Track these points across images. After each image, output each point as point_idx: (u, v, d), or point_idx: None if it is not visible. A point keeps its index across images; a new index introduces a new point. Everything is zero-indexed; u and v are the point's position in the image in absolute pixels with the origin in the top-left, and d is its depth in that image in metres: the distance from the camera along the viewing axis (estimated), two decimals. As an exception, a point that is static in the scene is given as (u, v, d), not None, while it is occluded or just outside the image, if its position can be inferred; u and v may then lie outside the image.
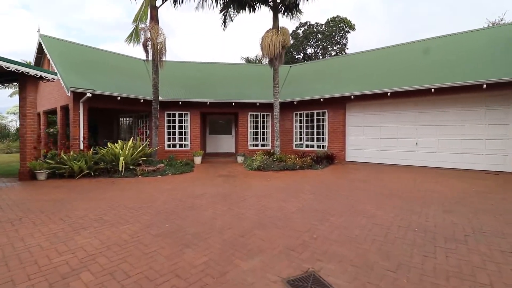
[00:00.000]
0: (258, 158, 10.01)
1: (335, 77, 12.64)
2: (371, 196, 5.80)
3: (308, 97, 11.32)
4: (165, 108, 11.96)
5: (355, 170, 9.19)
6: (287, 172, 9.05)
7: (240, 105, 12.32)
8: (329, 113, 11.36)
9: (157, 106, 9.94)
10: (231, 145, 14.75)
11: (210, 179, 8.07)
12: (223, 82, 13.60)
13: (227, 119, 14.85)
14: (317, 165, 9.68)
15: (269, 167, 9.35)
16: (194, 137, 12.20)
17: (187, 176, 8.62)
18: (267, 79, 14.26)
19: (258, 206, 5.13)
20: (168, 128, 12.16)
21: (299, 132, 12.46)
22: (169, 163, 10.31)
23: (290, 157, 10.22)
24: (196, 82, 13.18)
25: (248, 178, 8.08)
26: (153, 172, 8.72)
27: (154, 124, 9.86)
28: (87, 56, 11.89)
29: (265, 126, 12.89)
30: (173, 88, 12.51)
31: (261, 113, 12.77)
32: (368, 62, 12.64)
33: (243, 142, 12.63)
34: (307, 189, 6.60)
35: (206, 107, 12.19)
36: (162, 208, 5.05)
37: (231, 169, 9.94)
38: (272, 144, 12.83)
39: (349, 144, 11.09)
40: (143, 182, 7.61)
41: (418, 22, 57.71)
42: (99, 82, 10.30)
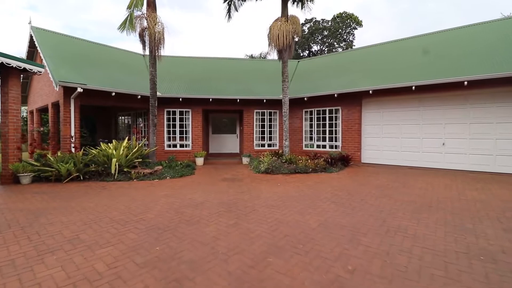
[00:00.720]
0: (266, 160, 9.10)
1: (349, 71, 11.66)
2: (404, 207, 4.85)
3: (320, 92, 10.37)
4: (164, 105, 11.11)
5: (376, 174, 8.22)
6: (298, 175, 8.12)
7: (245, 102, 11.42)
8: (343, 110, 10.40)
9: (155, 102, 9.09)
10: (236, 145, 13.87)
11: (213, 183, 7.19)
12: (227, 78, 12.71)
13: (231, 118, 13.97)
14: (331, 168, 8.73)
15: (278, 170, 8.44)
16: (195, 137, 11.33)
17: (188, 179, 7.75)
18: (274, 74, 13.36)
19: (270, 220, 4.23)
20: (168, 126, 11.32)
21: (309, 131, 11.51)
22: (168, 164, 9.46)
23: (301, 159, 9.29)
24: (198, 78, 12.32)
25: (256, 183, 7.18)
26: (149, 175, 7.87)
27: (152, 122, 9.01)
28: (82, 50, 11.10)
29: (272, 125, 11.98)
30: (173, 84, 11.66)
31: (268, 110, 11.86)
32: (384, 55, 11.63)
33: (249, 142, 11.74)
34: (325, 197, 5.68)
35: (208, 104, 11.32)
36: (155, 222, 4.17)
37: (236, 171, 9.04)
38: (280, 144, 11.91)
39: (366, 144, 10.11)
40: (138, 187, 6.75)
41: (424, 20, 56.19)
42: (93, 77, 9.48)
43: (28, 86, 13.41)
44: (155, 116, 9.06)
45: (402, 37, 12.11)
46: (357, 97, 10.01)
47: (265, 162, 8.80)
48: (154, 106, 8.99)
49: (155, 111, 9.05)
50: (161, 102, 11.01)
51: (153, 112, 9.00)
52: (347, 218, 4.31)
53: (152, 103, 8.97)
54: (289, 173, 8.31)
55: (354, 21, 37.14)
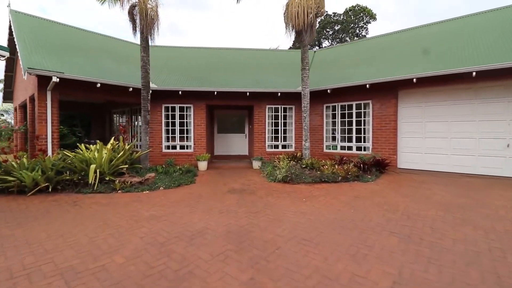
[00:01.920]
0: (283, 165, 7.41)
1: (377, 59, 9.86)
2: None
3: (348, 83, 8.60)
4: (162, 100, 9.55)
5: (425, 184, 6.43)
6: (326, 186, 6.40)
7: (256, 95, 9.76)
8: (375, 104, 8.62)
9: (148, 95, 7.50)
10: (244, 146, 12.21)
11: (218, 197, 5.55)
12: (235, 69, 11.07)
13: (239, 115, 12.32)
14: (366, 176, 6.98)
15: (299, 178, 6.74)
16: (198, 137, 9.73)
17: (186, 190, 6.13)
18: (288, 66, 11.67)
19: (307, 272, 2.55)
20: (167, 125, 9.75)
21: (332, 130, 9.76)
22: (165, 170, 7.87)
23: (325, 163, 7.58)
24: (201, 70, 10.72)
25: (273, 197, 5.50)
26: (139, 185, 6.29)
27: (144, 120, 7.42)
28: (65, 36, 9.62)
29: (287, 123, 10.27)
30: (172, 76, 10.09)
31: (282, 106, 10.16)
32: (421, 40, 9.79)
33: (260, 142, 10.06)
34: (377, 222, 3.96)
35: (213, 99, 9.70)
36: (121, 274, 2.55)
37: (246, 179, 7.38)
38: (296, 145, 10.20)
39: (403, 145, 8.31)
40: (119, 203, 5.16)
41: (436, 16, 53.44)
42: (76, 66, 7.98)
43: (13, 80, 12.06)
44: (147, 111, 7.47)
45: (442, 19, 10.24)
46: (392, 88, 8.22)
47: (282, 168, 7.11)
48: (146, 100, 7.40)
49: (147, 105, 7.46)
50: (158, 96, 9.45)
51: (145, 107, 7.41)
52: (435, 270, 2.59)
53: (144, 96, 7.39)
54: (313, 183, 6.60)
55: (367, 14, 35.10)
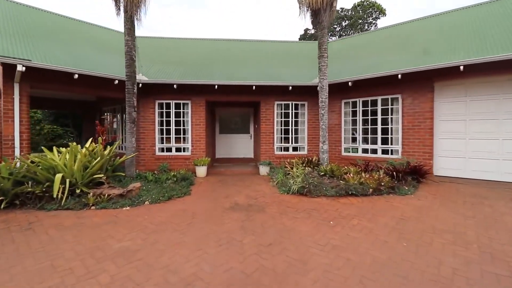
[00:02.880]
0: (297, 172, 6.10)
1: (407, 47, 8.47)
2: None
3: (374, 73, 7.21)
4: (155, 96, 8.30)
5: (484, 199, 5.03)
6: (353, 200, 5.06)
7: (263, 90, 8.46)
8: (405, 99, 7.24)
9: (134, 87, 6.23)
10: (249, 148, 10.92)
11: (216, 217, 4.25)
12: (239, 61, 9.79)
13: (244, 113, 11.03)
14: (402, 187, 5.61)
15: (318, 189, 5.41)
16: (197, 138, 8.46)
17: (177, 206, 4.85)
18: (299, 57, 10.37)
19: None
20: (161, 124, 8.50)
21: (351, 130, 8.40)
22: (156, 177, 6.62)
23: (348, 170, 6.25)
24: (201, 62, 9.46)
25: (289, 217, 4.19)
26: (119, 199, 5.03)
27: (129, 117, 6.16)
28: (44, 23, 8.40)
29: (299, 122, 8.94)
30: (166, 67, 8.84)
31: (293, 102, 8.83)
32: (456, 25, 8.38)
33: (267, 144, 8.75)
34: (454, 268, 2.64)
35: (214, 94, 8.42)
36: None
37: (253, 189, 6.08)
38: (309, 148, 8.86)
39: (440, 148, 6.93)
40: (86, 227, 3.90)
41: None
42: (52, 55, 6.76)
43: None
44: (133, 108, 6.20)
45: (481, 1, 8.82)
46: (427, 79, 6.86)
47: (297, 177, 5.79)
48: (132, 93, 6.14)
49: (133, 100, 6.19)
50: (150, 91, 8.22)
51: (130, 102, 6.14)
52: None
53: (128, 89, 6.12)
54: (338, 196, 5.26)
55: (377, 9, 33.60)
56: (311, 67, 9.44)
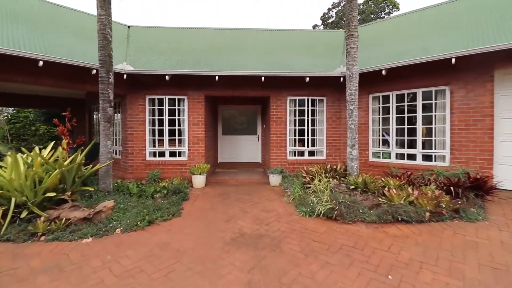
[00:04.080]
0: (319, 185, 4.67)
1: (453, 28, 6.89)
2: None
3: (417, 58, 5.66)
4: (145, 90, 6.98)
5: None
6: (406, 230, 3.59)
7: (274, 82, 7.06)
8: (455, 92, 5.72)
9: (109, 76, 4.83)
10: (257, 151, 9.52)
11: (211, 262, 2.84)
12: (245, 51, 8.40)
13: (251, 111, 9.64)
14: (467, 208, 4.10)
15: (352, 211, 3.96)
16: (194, 139, 7.10)
17: (158, 239, 3.47)
18: (316, 46, 8.93)
19: None
20: (152, 124, 7.17)
21: (380, 130, 6.90)
22: (140, 191, 5.29)
23: (387, 183, 4.80)
24: (200, 52, 8.10)
25: (319, 262, 2.76)
26: (82, 223, 3.70)
27: (103, 115, 4.79)
28: (14, 5, 7.10)
29: (316, 121, 7.48)
30: (159, 57, 7.49)
31: (309, 97, 7.38)
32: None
33: (279, 148, 7.32)
34: None
35: (215, 87, 7.06)
36: None
37: (263, 208, 4.66)
38: (329, 152, 7.39)
39: (502, 154, 5.39)
40: (14, 277, 2.55)
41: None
42: (14, 39, 5.47)
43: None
44: (109, 102, 4.81)
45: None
46: (485, 65, 5.34)
47: (321, 192, 4.36)
48: (107, 84, 4.76)
49: (108, 92, 4.80)
50: (139, 84, 6.90)
51: (104, 94, 4.77)
52: None
53: (102, 78, 4.75)
54: (381, 222, 3.81)
55: (390, 3, 31.83)
56: (330, 56, 7.99)
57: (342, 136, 7.32)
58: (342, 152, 7.32)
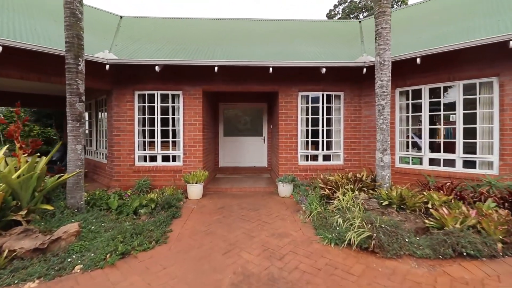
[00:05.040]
0: (345, 201, 3.66)
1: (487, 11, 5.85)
2: None
3: (471, 41, 4.57)
4: (134, 85, 6.03)
5: None
6: (474, 269, 2.57)
7: (283, 75, 6.08)
8: (505, 84, 4.67)
9: (78, 63, 3.79)
10: (262, 154, 8.53)
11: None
12: (250, 40, 7.42)
13: (256, 109, 8.66)
14: (551, 237, 3.08)
15: (395, 240, 2.94)
16: (190, 142, 6.12)
17: (131, 280, 2.48)
18: (332, 35, 7.95)
19: None
20: (142, 123, 6.22)
21: (409, 131, 5.86)
22: (122, 205, 4.33)
23: (429, 198, 3.77)
24: (199, 41, 7.14)
25: None
26: (33, 256, 2.73)
27: (71, 112, 3.79)
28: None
29: (332, 120, 6.45)
30: (149, 46, 6.54)
31: (324, 93, 6.36)
32: None
33: (288, 151, 6.31)
34: None
35: (214, 81, 6.09)
36: None
37: (273, 231, 3.65)
38: (347, 157, 6.37)
39: None
40: None
41: None
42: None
43: None
44: (78, 96, 3.79)
45: None
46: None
47: (348, 211, 3.35)
48: (75, 73, 3.75)
49: (77, 83, 3.78)
50: (126, 77, 5.96)
51: (72, 86, 3.75)
52: None
53: (69, 65, 3.74)
54: (437, 257, 2.78)
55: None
56: (347, 46, 6.98)
57: (362, 138, 6.30)
58: (362, 156, 6.30)
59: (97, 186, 6.25)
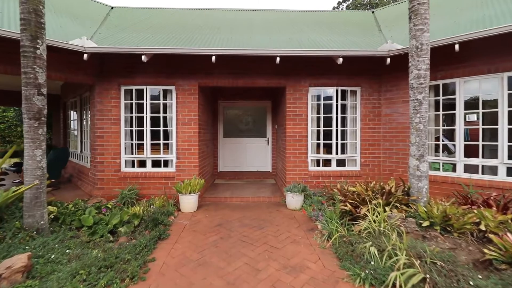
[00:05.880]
0: (378, 223, 2.84)
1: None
2: None
3: None
4: (120, 78, 5.24)
5: None
6: None
7: (290, 67, 5.29)
8: None
9: (36, 46, 2.95)
10: (266, 157, 7.72)
11: None
12: (253, 28, 6.62)
13: (259, 108, 7.86)
14: None
15: (456, 284, 2.13)
16: (185, 144, 5.32)
17: None
18: (344, 24, 7.19)
19: None
20: (130, 123, 5.44)
21: (433, 131, 5.03)
22: (98, 221, 3.54)
23: (478, 215, 2.95)
24: (195, 30, 6.35)
25: None
26: None
27: (27, 108, 2.97)
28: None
29: (347, 120, 5.62)
30: (137, 34, 5.76)
31: (338, 88, 5.53)
32: None
33: (297, 155, 5.49)
34: None
35: (212, 74, 5.30)
36: None
37: (284, 262, 2.83)
38: (364, 161, 5.53)
39: None
40: None
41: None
42: None
43: None
44: (36, 88, 2.93)
45: None
46: None
47: (384, 236, 2.54)
48: (32, 58, 2.91)
49: (35, 72, 2.90)
50: (110, 70, 5.18)
51: (28, 75, 2.87)
52: None
53: (25, 48, 2.90)
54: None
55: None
56: (365, 35, 6.19)
57: (383, 140, 5.49)
58: (382, 161, 5.48)
59: (79, 195, 5.47)
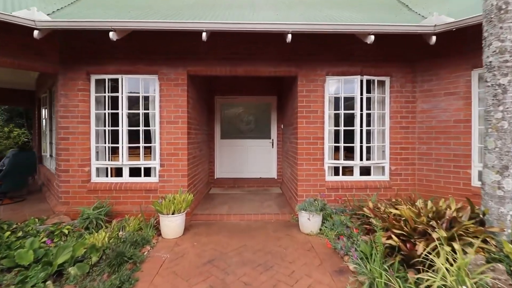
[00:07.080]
0: (453, 278, 1.73)
1: None
2: None
3: None
4: (89, 66, 4.17)
5: None
6: None
7: (303, 49, 4.23)
8: None
9: None
10: (271, 162, 6.63)
11: None
12: (256, 5, 5.52)
13: (261, 105, 6.78)
14: None
15: None
16: (170, 148, 4.24)
17: None
18: (366, 2, 6.07)
19: None
20: (102, 122, 4.37)
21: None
22: (43, 257, 2.46)
23: None
24: (182, 7, 5.27)
25: None
26: None
27: None
28: None
29: (373, 117, 4.51)
30: (110, 11, 4.68)
31: (363, 77, 4.41)
32: None
33: (311, 161, 4.40)
34: None
35: (204, 59, 4.23)
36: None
37: None
38: (396, 169, 4.41)
39: None
40: None
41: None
42: None
43: None
44: None
45: None
46: None
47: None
48: None
49: None
50: (77, 56, 4.11)
51: None
52: None
53: None
54: None
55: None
56: (392, 12, 5.08)
57: (418, 143, 4.38)
58: (418, 169, 4.37)
59: (42, 210, 4.44)
